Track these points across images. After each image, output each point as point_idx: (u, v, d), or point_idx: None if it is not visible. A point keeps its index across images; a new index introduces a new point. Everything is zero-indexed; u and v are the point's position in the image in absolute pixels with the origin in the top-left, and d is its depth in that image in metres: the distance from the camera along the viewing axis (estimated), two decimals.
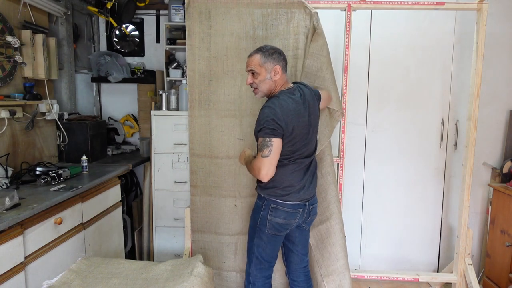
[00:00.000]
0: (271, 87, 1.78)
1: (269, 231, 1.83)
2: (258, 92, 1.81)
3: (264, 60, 1.74)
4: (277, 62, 1.75)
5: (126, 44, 3.34)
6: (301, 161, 1.81)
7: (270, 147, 1.65)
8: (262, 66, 1.74)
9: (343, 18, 2.29)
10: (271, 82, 1.77)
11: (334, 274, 2.06)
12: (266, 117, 1.66)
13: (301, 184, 1.82)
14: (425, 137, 2.78)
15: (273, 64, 1.74)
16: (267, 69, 1.74)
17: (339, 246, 2.06)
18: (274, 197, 1.81)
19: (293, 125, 1.71)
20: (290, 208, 1.81)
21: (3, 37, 2.09)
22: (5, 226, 1.50)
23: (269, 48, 1.77)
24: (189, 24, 2.24)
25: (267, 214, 1.82)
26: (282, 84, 1.80)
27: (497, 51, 2.68)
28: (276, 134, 1.66)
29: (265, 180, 1.69)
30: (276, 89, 1.79)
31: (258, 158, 1.69)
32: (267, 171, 1.66)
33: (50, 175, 2.05)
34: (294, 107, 1.73)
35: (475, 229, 2.81)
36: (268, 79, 1.76)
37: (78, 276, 1.53)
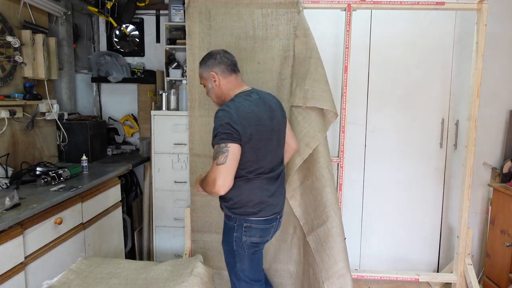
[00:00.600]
0: (217, 94, 1.68)
1: (248, 251, 1.68)
2: (214, 102, 1.75)
3: (201, 71, 1.69)
4: (211, 68, 1.65)
5: (126, 44, 3.34)
6: (269, 174, 1.66)
7: (226, 153, 1.46)
8: (202, 77, 1.69)
9: (343, 18, 2.29)
10: (216, 89, 1.67)
11: (334, 277, 2.05)
12: (220, 121, 1.50)
13: (273, 197, 1.68)
14: (425, 137, 2.78)
15: (208, 72, 1.66)
16: (207, 79, 1.68)
17: (337, 249, 2.05)
18: (245, 215, 1.63)
19: (252, 130, 1.54)
20: (264, 224, 1.67)
21: (3, 37, 2.09)
22: (5, 226, 1.50)
23: (206, 56, 1.69)
24: (189, 24, 2.24)
25: (241, 235, 1.65)
26: (233, 88, 1.66)
27: (497, 51, 2.68)
28: (233, 138, 1.48)
29: (221, 192, 1.47)
30: (229, 94, 1.66)
31: (213, 167, 1.47)
32: (223, 181, 1.45)
33: (50, 175, 2.05)
34: (252, 109, 1.57)
35: (475, 229, 2.81)
36: (211, 88, 1.68)
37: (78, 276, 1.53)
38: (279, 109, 1.75)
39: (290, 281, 2.38)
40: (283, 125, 1.77)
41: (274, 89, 2.25)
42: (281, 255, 2.37)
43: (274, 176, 1.70)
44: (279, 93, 2.25)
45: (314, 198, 2.16)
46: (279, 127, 1.72)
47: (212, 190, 1.49)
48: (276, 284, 2.39)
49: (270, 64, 2.24)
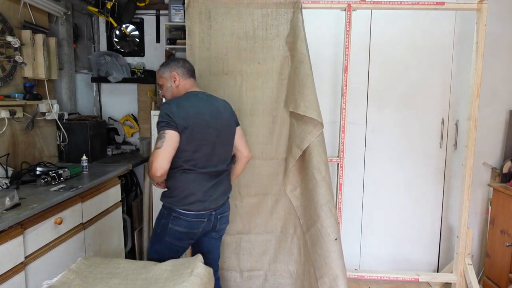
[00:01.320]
0: (174, 94, 1.84)
1: (169, 239, 1.78)
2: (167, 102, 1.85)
3: (163, 71, 1.85)
4: (173, 69, 1.83)
5: (126, 44, 3.34)
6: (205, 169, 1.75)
7: (163, 138, 1.61)
8: (162, 77, 1.85)
9: (343, 18, 2.29)
10: (173, 89, 1.84)
11: (325, 276, 2.05)
12: (161, 113, 1.67)
13: (207, 194, 1.77)
14: (425, 137, 2.78)
15: (170, 73, 1.83)
16: (166, 79, 1.84)
17: (326, 250, 2.05)
18: (175, 206, 1.75)
19: (189, 121, 1.67)
20: (193, 218, 1.76)
21: (3, 37, 2.09)
22: (5, 226, 1.50)
23: (169, 60, 1.88)
24: (189, 24, 2.24)
25: (168, 222, 1.76)
26: (186, 89, 1.84)
27: (497, 51, 2.68)
28: (169, 126, 1.63)
29: (158, 174, 1.59)
30: (181, 94, 1.83)
31: (152, 152, 1.64)
32: (160, 163, 1.58)
33: (50, 175, 2.05)
34: (194, 103, 1.74)
35: (475, 229, 2.81)
36: (169, 87, 1.84)
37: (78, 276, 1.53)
38: (229, 113, 1.88)
39: (290, 281, 2.38)
40: (230, 128, 1.87)
41: (274, 89, 2.25)
42: (281, 255, 2.37)
43: (212, 173, 1.78)
44: (279, 93, 2.25)
45: (308, 198, 2.17)
46: (224, 129, 1.82)
47: (150, 173, 1.62)
48: (277, 284, 2.39)
49: (270, 64, 2.24)
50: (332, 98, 2.76)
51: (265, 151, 2.29)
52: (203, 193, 1.76)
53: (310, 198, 2.14)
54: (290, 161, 2.21)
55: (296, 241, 2.34)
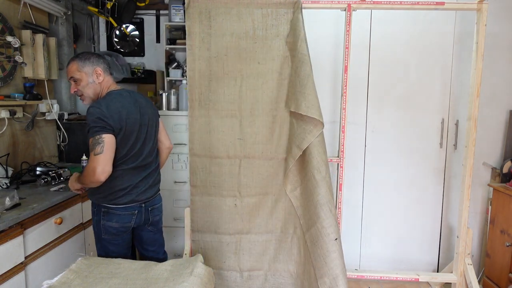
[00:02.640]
0: (96, 91, 1.77)
1: (105, 236, 1.80)
2: (85, 98, 1.78)
3: (82, 64, 1.73)
4: (96, 64, 1.75)
5: (126, 44, 3.34)
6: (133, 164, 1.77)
7: (102, 143, 1.61)
8: (81, 71, 1.73)
9: (343, 18, 2.29)
10: (96, 85, 1.76)
11: (325, 276, 2.05)
12: (91, 117, 1.63)
13: (136, 187, 1.79)
14: (425, 137, 2.78)
15: (92, 67, 1.74)
16: (87, 73, 1.74)
17: (326, 250, 2.05)
18: (103, 201, 1.76)
19: (122, 123, 1.69)
20: (122, 211, 1.78)
21: (3, 37, 2.09)
22: (5, 226, 1.50)
23: (85, 53, 1.78)
24: (189, 24, 2.24)
25: (100, 219, 1.77)
26: (108, 86, 1.79)
27: (497, 51, 2.68)
28: (106, 130, 1.63)
29: (102, 179, 1.60)
30: (103, 92, 1.78)
31: (91, 158, 1.61)
32: (103, 168, 1.59)
33: (50, 175, 2.05)
34: (123, 104, 1.73)
35: (475, 229, 2.81)
36: (91, 82, 1.75)
37: (78, 276, 1.53)
38: (150, 107, 1.93)
39: (291, 281, 2.38)
40: (154, 122, 1.93)
41: (274, 89, 2.25)
42: (281, 255, 2.37)
43: (140, 167, 1.82)
44: (279, 93, 2.25)
45: (308, 198, 2.17)
46: (149, 123, 1.88)
47: (92, 179, 1.60)
48: (277, 284, 2.39)
49: (270, 64, 2.24)
50: (332, 98, 2.76)
51: (265, 151, 2.29)
52: (130, 187, 1.77)
53: (310, 198, 2.14)
54: (290, 161, 2.22)
55: (296, 241, 2.34)
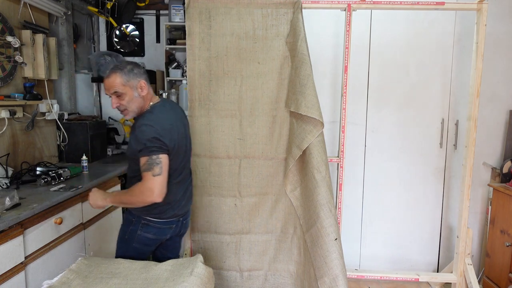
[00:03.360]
0: (140, 104, 1.68)
1: (136, 245, 1.77)
2: (128, 113, 1.68)
3: (126, 78, 1.62)
4: (139, 76, 1.66)
5: (126, 44, 3.34)
6: (178, 178, 1.75)
7: (160, 164, 1.55)
8: (126, 85, 1.63)
9: (343, 18, 2.29)
10: (140, 99, 1.67)
11: (325, 276, 2.05)
12: (147, 136, 1.56)
13: (178, 201, 1.77)
14: (425, 137, 2.78)
15: (137, 80, 1.65)
16: (132, 87, 1.64)
17: (326, 250, 2.05)
18: (147, 215, 1.72)
19: (174, 141, 1.65)
20: (162, 225, 1.76)
21: (3, 37, 2.09)
22: (5, 226, 1.50)
23: (125, 64, 1.67)
24: (189, 24, 2.24)
25: (137, 229, 1.74)
26: (150, 98, 1.72)
27: (497, 51, 2.68)
28: (163, 150, 1.58)
29: (159, 200, 1.57)
30: (146, 105, 1.70)
31: (148, 178, 1.54)
32: (161, 190, 1.56)
33: (50, 175, 2.05)
34: (170, 119, 1.69)
35: (475, 229, 2.81)
36: (136, 97, 1.65)
37: (78, 276, 1.53)
38: (185, 116, 1.91)
39: (291, 281, 2.38)
40: (188, 129, 1.91)
41: (274, 89, 2.25)
42: (281, 255, 2.37)
43: (182, 180, 1.80)
44: (279, 93, 2.25)
45: (307, 199, 2.17)
46: (188, 133, 1.86)
47: (147, 200, 1.57)
48: (277, 284, 2.39)
49: (270, 64, 2.24)
50: (332, 98, 2.76)
51: (265, 151, 2.29)
52: (174, 201, 1.75)
53: (310, 198, 2.14)
54: (290, 161, 2.21)
55: (296, 241, 2.34)
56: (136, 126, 1.64)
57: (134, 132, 1.63)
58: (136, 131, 1.60)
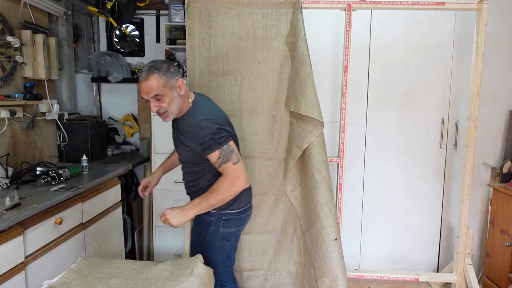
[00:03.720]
0: (180, 105, 1.59)
1: (220, 243, 1.74)
2: (168, 115, 1.59)
3: (165, 79, 1.52)
4: (176, 75, 1.57)
5: (126, 44, 3.34)
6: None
7: (234, 151, 1.53)
8: (166, 86, 1.53)
9: (343, 18, 2.29)
10: (179, 99, 1.59)
11: (325, 276, 2.05)
12: (211, 130, 1.51)
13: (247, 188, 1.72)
14: (425, 137, 2.78)
15: (175, 80, 1.56)
16: (171, 88, 1.55)
17: (326, 250, 2.05)
18: (226, 209, 1.67)
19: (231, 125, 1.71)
20: (241, 214, 1.74)
21: (3, 37, 2.09)
22: (5, 226, 1.50)
23: (161, 63, 1.56)
24: (189, 24, 2.24)
25: (218, 228, 1.69)
26: (187, 96, 1.65)
27: (497, 51, 2.68)
28: (230, 137, 1.56)
29: (248, 185, 1.56)
30: (186, 103, 1.63)
31: (230, 168, 1.51)
32: (246, 175, 1.54)
33: (50, 175, 2.05)
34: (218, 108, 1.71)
35: (475, 229, 2.81)
36: (176, 97, 1.56)
37: (78, 276, 1.53)
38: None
39: (291, 281, 2.38)
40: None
41: (274, 89, 2.25)
42: (281, 255, 2.37)
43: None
44: (279, 93, 2.25)
45: (308, 199, 2.17)
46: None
47: (238, 190, 1.54)
48: (277, 284, 2.39)
49: (270, 64, 2.24)
50: (332, 98, 2.76)
51: (265, 151, 2.29)
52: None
53: (310, 198, 2.14)
54: (290, 161, 2.21)
55: (296, 241, 2.34)
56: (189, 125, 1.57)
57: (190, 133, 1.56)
58: (195, 130, 1.53)
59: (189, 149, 1.61)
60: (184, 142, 1.61)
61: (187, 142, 1.59)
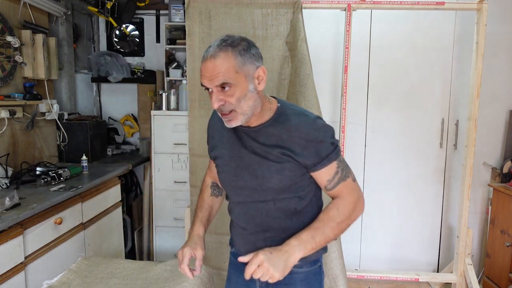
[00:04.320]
0: (256, 104, 1.04)
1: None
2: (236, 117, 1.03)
3: (242, 61, 0.99)
4: (258, 60, 1.03)
5: (126, 44, 3.34)
6: None
7: (348, 165, 1.16)
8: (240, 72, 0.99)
9: (343, 18, 2.29)
10: (255, 95, 1.03)
11: (324, 276, 2.06)
12: (329, 131, 1.10)
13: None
14: (425, 137, 2.78)
15: (255, 66, 1.02)
16: (247, 76, 1.00)
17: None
18: (322, 249, 1.18)
19: None
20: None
21: (3, 37, 2.08)
22: (5, 226, 1.50)
23: (238, 40, 1.03)
24: (189, 24, 2.24)
25: (322, 274, 1.31)
26: (266, 98, 1.12)
27: (497, 51, 2.68)
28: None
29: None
30: (265, 106, 1.09)
31: (353, 187, 1.13)
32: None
33: (50, 175, 2.05)
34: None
35: (475, 229, 2.81)
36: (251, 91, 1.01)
37: (78, 276, 1.53)
38: None
39: None
40: None
41: (274, 89, 2.25)
42: None
43: None
44: (279, 93, 2.25)
45: None
46: None
47: (358, 214, 1.12)
48: None
49: (270, 64, 2.24)
50: (332, 98, 2.76)
51: None
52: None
53: None
54: None
55: None
56: (300, 126, 1.07)
57: (302, 137, 1.05)
58: (311, 131, 1.06)
59: (290, 167, 1.07)
60: (286, 155, 1.06)
61: (293, 155, 1.05)
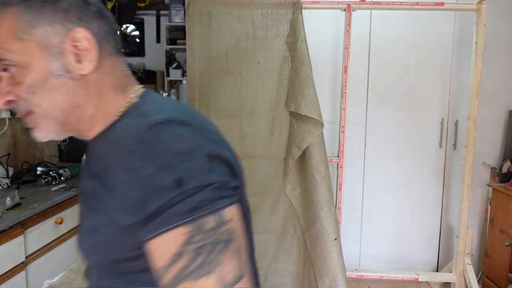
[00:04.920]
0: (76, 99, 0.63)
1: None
2: (38, 121, 0.64)
3: (31, 18, 0.59)
4: (74, 16, 0.64)
5: (126, 44, 3.34)
6: None
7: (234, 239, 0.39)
8: (28, 39, 0.58)
9: (343, 18, 2.30)
10: (75, 83, 0.58)
11: (324, 276, 2.06)
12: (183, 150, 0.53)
13: None
14: (425, 137, 2.78)
15: (64, 28, 0.63)
16: (48, 47, 0.61)
17: (326, 250, 2.06)
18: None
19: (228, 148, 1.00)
20: None
21: None
22: (6, 226, 1.50)
23: None
24: (189, 24, 2.24)
25: None
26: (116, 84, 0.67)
27: (497, 51, 2.68)
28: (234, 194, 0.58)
29: None
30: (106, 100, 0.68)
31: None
32: None
33: (51, 175, 2.06)
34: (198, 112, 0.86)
35: (474, 229, 2.81)
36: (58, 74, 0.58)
37: (78, 276, 1.53)
38: None
39: (291, 281, 2.38)
40: None
41: (274, 89, 2.25)
42: (281, 255, 2.37)
43: None
44: (279, 93, 2.25)
45: (308, 199, 2.18)
46: None
47: None
48: (277, 284, 2.39)
49: (270, 64, 2.24)
50: (332, 98, 2.76)
51: (265, 151, 2.30)
52: None
53: (310, 198, 2.15)
54: (289, 161, 2.22)
55: (296, 241, 2.34)
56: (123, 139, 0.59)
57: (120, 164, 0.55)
58: (136, 150, 0.54)
59: (105, 220, 0.58)
60: (98, 194, 0.59)
61: (106, 194, 0.56)
